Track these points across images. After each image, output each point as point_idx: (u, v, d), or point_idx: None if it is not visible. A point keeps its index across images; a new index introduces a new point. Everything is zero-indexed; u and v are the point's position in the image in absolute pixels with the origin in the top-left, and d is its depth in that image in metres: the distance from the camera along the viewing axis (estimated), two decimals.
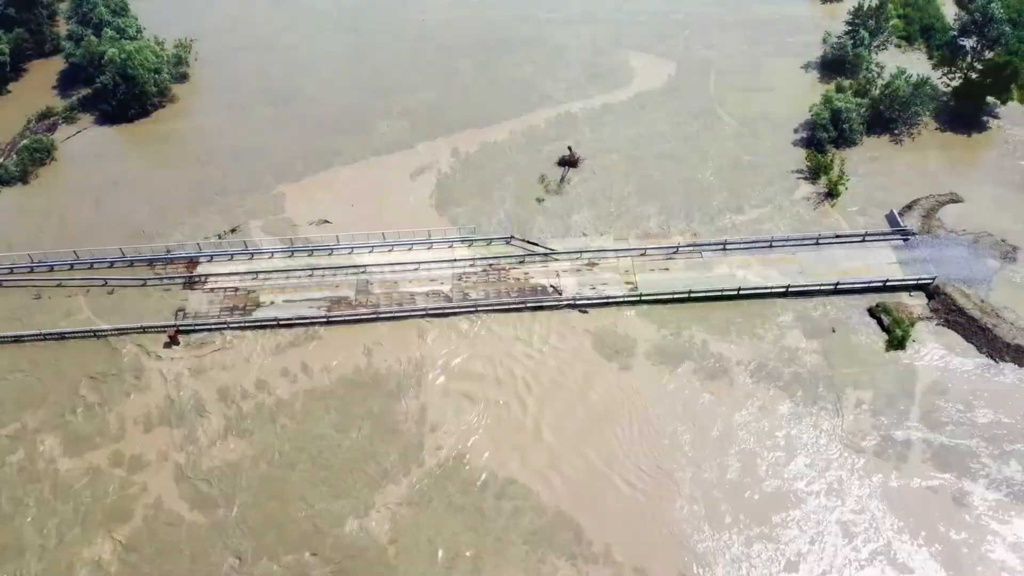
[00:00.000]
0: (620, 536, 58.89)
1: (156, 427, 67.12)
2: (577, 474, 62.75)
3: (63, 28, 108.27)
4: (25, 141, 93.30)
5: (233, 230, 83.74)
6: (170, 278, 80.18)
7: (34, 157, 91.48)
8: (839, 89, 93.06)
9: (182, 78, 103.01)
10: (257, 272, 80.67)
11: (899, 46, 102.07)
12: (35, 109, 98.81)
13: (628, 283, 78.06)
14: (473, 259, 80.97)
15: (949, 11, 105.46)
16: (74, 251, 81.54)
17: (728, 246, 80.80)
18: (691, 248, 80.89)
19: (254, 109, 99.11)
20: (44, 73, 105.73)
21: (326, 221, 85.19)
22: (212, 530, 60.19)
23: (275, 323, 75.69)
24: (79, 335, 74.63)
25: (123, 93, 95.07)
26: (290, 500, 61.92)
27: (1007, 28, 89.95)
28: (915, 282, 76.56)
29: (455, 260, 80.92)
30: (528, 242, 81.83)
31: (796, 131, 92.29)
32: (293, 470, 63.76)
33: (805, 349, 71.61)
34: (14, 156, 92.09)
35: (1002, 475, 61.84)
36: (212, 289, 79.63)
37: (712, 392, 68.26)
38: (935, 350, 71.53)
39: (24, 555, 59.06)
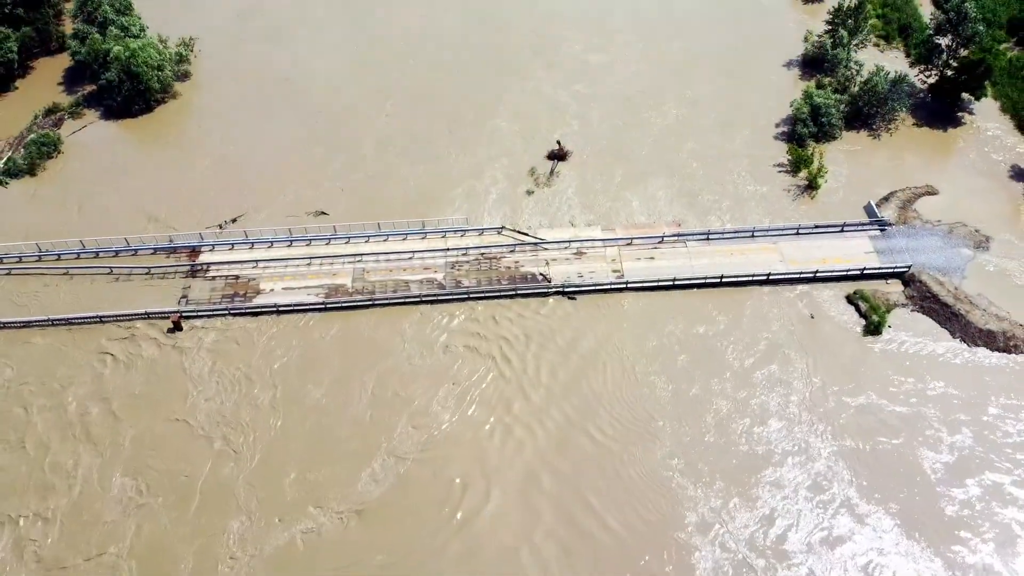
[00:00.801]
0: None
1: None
2: None
3: (69, 27, 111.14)
4: (32, 135, 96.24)
5: (234, 220, 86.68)
6: (173, 267, 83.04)
7: (41, 151, 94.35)
8: (819, 86, 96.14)
9: (184, 76, 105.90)
10: (257, 261, 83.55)
11: (877, 45, 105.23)
12: (42, 105, 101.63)
13: (615, 271, 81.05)
14: (466, 248, 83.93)
15: (927, 11, 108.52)
16: (80, 240, 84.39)
17: (711, 236, 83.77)
18: (675, 238, 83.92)
19: (254, 104, 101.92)
20: (50, 70, 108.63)
21: (323, 212, 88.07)
22: None
23: (275, 309, 78.59)
24: (86, 320, 77.45)
25: (127, 89, 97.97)
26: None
27: (981, 27, 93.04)
28: (891, 270, 79.56)
29: (448, 249, 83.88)
30: (518, 232, 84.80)
31: (777, 126, 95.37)
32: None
33: (784, 333, 74.61)
34: (22, 150, 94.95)
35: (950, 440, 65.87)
36: (214, 277, 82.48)
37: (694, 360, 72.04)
38: (909, 335, 74.58)
39: None
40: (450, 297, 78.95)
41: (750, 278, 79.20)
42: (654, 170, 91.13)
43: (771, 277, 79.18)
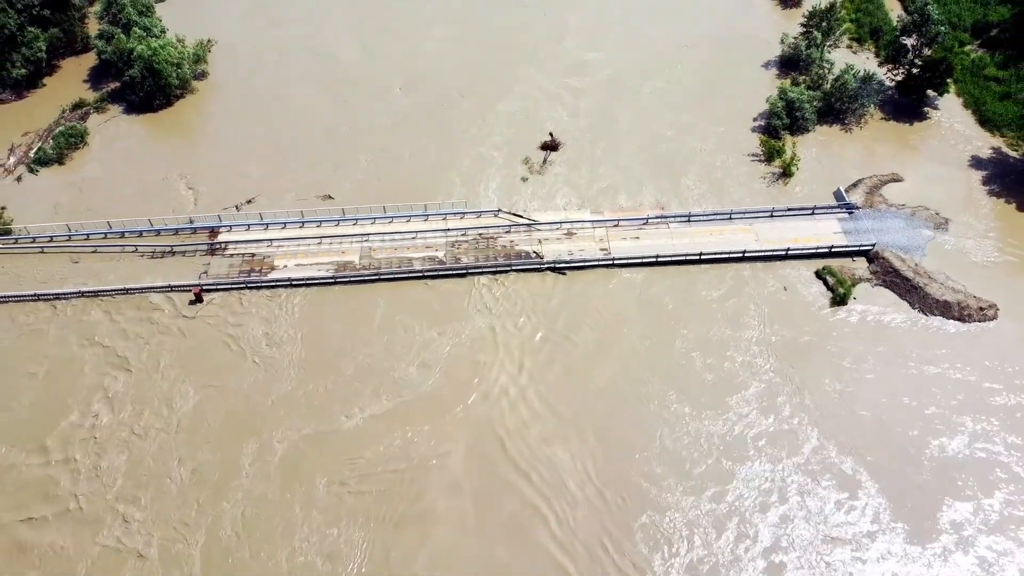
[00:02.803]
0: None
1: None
2: None
3: (92, 28, 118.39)
4: (60, 128, 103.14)
5: (248, 201, 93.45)
6: (194, 245, 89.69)
7: (69, 142, 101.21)
8: (794, 83, 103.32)
9: (202, 74, 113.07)
10: (272, 240, 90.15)
11: (850, 47, 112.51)
12: (69, 100, 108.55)
13: (603, 249, 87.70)
14: (465, 229, 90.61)
15: (897, 15, 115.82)
16: (107, 222, 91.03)
17: (692, 218, 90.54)
18: (659, 220, 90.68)
19: (264, 100, 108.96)
20: (76, 69, 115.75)
21: (329, 196, 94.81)
22: None
23: (288, 283, 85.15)
24: (114, 292, 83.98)
25: (149, 85, 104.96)
26: None
27: (943, 28, 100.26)
28: (857, 248, 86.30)
29: (448, 230, 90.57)
30: (513, 214, 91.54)
31: (755, 120, 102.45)
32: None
33: (756, 302, 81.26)
34: (51, 141, 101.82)
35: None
36: (232, 255, 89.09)
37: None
38: (872, 305, 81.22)
39: None
40: (449, 272, 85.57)
41: (727, 255, 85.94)
42: (640, 160, 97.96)
43: (746, 254, 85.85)
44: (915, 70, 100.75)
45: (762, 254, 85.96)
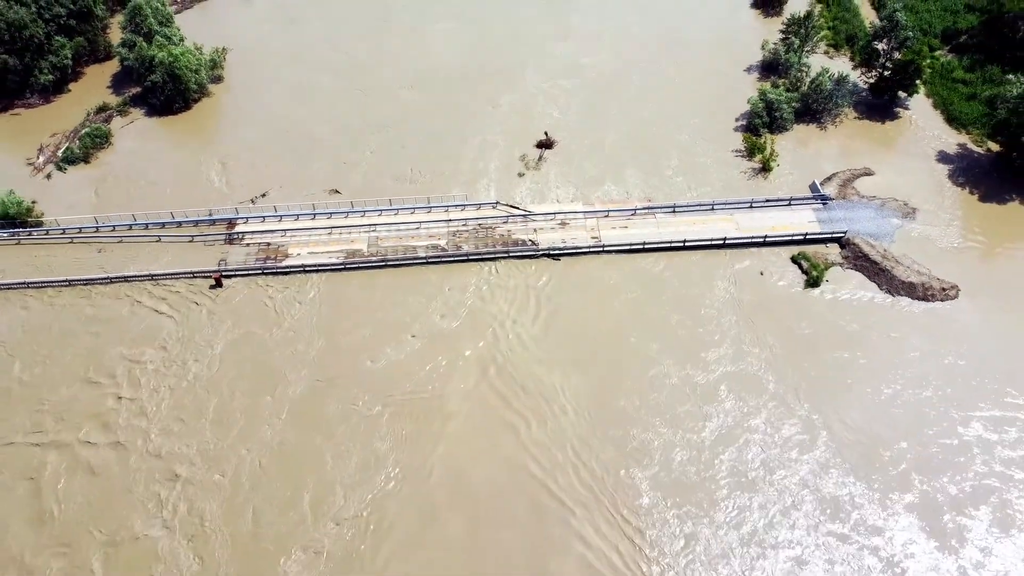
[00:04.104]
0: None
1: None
2: None
3: (114, 38, 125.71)
4: (86, 129, 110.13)
5: (263, 195, 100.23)
6: (213, 235, 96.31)
7: (94, 142, 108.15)
8: (774, 86, 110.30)
9: (218, 79, 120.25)
10: (285, 230, 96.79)
11: (827, 52, 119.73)
12: (93, 104, 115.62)
13: (594, 238, 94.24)
14: (465, 220, 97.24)
15: (871, 23, 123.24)
16: (132, 214, 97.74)
17: (677, 209, 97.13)
18: (646, 210, 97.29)
19: (275, 103, 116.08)
20: (99, 75, 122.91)
21: (336, 191, 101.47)
22: None
23: (302, 269, 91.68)
24: (139, 278, 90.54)
25: (169, 89, 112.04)
26: None
27: (910, 32, 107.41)
28: (830, 235, 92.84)
29: (450, 220, 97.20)
30: (510, 206, 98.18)
31: (737, 119, 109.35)
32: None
33: (736, 283, 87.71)
34: (77, 141, 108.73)
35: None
36: (248, 244, 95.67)
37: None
38: (843, 287, 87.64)
39: None
40: (451, 259, 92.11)
41: (709, 242, 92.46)
42: (628, 155, 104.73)
43: (727, 241, 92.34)
44: (886, 72, 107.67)
45: (742, 241, 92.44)
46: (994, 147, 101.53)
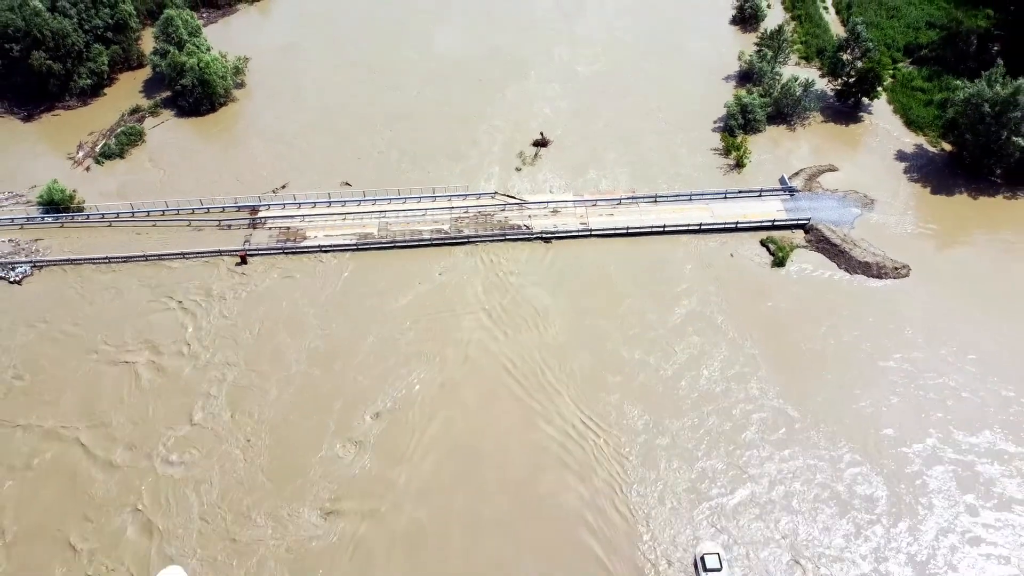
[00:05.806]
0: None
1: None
2: None
3: (147, 47, 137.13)
4: (121, 128, 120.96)
5: (283, 186, 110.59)
6: (238, 220, 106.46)
7: (129, 139, 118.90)
8: (749, 92, 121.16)
9: (241, 84, 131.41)
10: (304, 216, 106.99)
11: (798, 64, 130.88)
12: (127, 107, 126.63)
13: (582, 223, 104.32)
14: (466, 207, 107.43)
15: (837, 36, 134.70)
16: (164, 201, 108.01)
17: (659, 199, 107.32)
18: (630, 200, 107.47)
19: (292, 104, 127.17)
20: (132, 81, 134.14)
21: (347, 184, 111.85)
22: None
23: (318, 249, 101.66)
24: (173, 256, 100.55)
25: (198, 93, 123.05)
26: None
27: (871, 44, 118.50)
28: (795, 222, 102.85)
29: (452, 208, 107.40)
30: (508, 196, 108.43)
31: (716, 122, 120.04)
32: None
33: (709, 263, 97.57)
34: (113, 139, 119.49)
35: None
36: (270, 228, 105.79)
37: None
38: (806, 266, 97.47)
39: None
40: (453, 241, 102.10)
41: (687, 227, 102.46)
42: (616, 154, 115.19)
43: (703, 227, 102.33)
44: (850, 80, 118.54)
45: (716, 226, 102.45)
46: (947, 147, 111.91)
